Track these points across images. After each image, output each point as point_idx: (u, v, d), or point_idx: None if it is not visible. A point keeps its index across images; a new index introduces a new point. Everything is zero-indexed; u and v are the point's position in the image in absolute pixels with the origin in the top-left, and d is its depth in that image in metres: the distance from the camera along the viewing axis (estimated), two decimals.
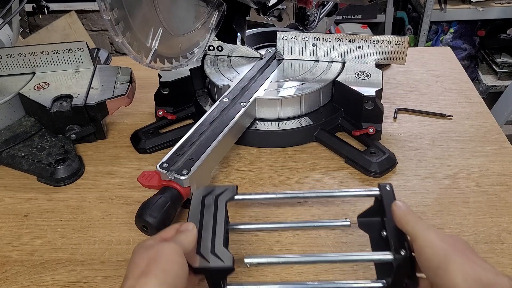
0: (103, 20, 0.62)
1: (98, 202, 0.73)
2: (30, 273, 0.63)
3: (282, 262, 0.55)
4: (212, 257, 0.50)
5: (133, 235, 0.67)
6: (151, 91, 0.90)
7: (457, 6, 2.31)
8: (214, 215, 0.55)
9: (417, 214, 0.50)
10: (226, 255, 0.50)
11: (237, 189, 0.59)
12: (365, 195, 0.58)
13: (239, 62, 0.91)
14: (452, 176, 0.74)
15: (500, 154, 0.78)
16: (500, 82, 2.39)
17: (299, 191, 0.63)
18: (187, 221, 0.55)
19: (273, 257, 0.54)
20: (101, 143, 0.86)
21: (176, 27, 0.74)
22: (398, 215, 0.51)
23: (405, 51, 0.85)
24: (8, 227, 0.70)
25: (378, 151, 0.77)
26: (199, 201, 0.57)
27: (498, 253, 0.62)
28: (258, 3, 0.77)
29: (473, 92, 0.94)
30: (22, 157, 0.79)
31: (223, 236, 0.53)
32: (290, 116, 0.82)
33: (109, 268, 0.63)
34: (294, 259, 0.55)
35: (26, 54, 0.87)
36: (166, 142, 0.83)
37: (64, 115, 0.81)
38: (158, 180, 0.67)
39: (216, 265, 0.50)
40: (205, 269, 0.50)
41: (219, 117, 0.76)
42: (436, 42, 2.49)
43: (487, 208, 0.69)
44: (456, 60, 1.06)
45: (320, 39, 0.88)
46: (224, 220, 0.55)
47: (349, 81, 0.82)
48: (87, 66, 0.90)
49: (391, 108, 0.90)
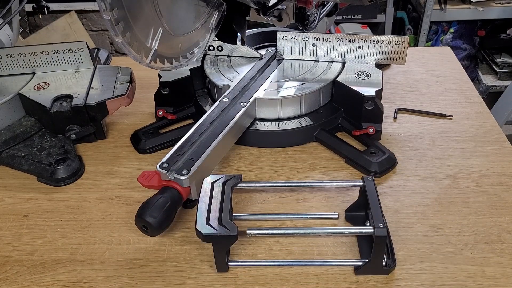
0: (103, 20, 0.62)
1: (98, 202, 0.73)
2: (30, 273, 0.63)
3: (279, 233, 0.64)
4: (219, 226, 0.58)
5: (133, 235, 0.67)
6: (151, 91, 0.90)
7: (457, 6, 2.31)
8: (221, 195, 0.63)
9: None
10: (231, 225, 0.58)
11: (242, 177, 0.67)
12: (351, 186, 0.68)
13: (239, 62, 0.91)
14: (452, 176, 0.74)
15: (500, 154, 0.78)
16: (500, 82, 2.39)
17: (293, 181, 0.74)
18: (198, 200, 0.62)
19: (272, 229, 0.65)
20: (101, 143, 0.86)
21: (176, 27, 0.74)
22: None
23: (405, 51, 0.85)
24: (8, 227, 0.70)
25: (378, 151, 0.77)
26: (209, 185, 0.64)
27: (498, 253, 0.62)
28: (258, 3, 0.77)
29: (473, 92, 0.94)
30: (22, 157, 0.79)
31: (229, 211, 0.60)
32: (290, 116, 0.82)
33: (109, 268, 0.63)
34: (290, 231, 0.65)
35: (26, 54, 0.87)
36: (166, 142, 0.83)
37: (64, 115, 0.81)
38: (158, 180, 0.67)
39: (222, 233, 0.57)
40: (213, 236, 0.57)
41: (219, 117, 0.76)
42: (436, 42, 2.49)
43: (487, 208, 0.69)
44: (456, 60, 1.06)
45: (320, 39, 0.88)
46: (229, 200, 0.62)
47: (349, 81, 0.82)
48: (87, 66, 0.90)
49: (391, 108, 0.90)
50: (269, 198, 0.72)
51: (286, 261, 0.62)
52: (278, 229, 0.65)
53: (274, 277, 0.60)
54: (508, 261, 0.61)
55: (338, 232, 0.64)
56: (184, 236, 0.67)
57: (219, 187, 0.64)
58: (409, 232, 0.65)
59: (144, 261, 0.63)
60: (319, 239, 0.65)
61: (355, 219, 0.67)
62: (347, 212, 0.68)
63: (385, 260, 0.59)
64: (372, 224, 0.57)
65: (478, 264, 0.61)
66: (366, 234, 0.59)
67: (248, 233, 0.60)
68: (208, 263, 0.62)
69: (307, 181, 0.71)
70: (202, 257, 0.63)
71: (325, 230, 0.64)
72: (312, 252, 0.64)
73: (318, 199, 0.71)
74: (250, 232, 0.60)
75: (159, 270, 0.62)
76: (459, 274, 0.59)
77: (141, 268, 0.62)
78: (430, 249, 0.63)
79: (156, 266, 0.63)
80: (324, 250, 0.64)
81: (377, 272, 0.59)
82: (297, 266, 0.61)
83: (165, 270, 0.62)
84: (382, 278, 0.59)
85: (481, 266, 0.60)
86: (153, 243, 0.66)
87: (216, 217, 0.59)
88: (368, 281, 0.59)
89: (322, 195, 0.72)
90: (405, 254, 0.62)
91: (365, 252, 0.62)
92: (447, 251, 0.62)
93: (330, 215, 0.68)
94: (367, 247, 0.62)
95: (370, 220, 0.60)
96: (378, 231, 0.56)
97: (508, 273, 0.59)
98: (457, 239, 0.64)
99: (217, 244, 0.58)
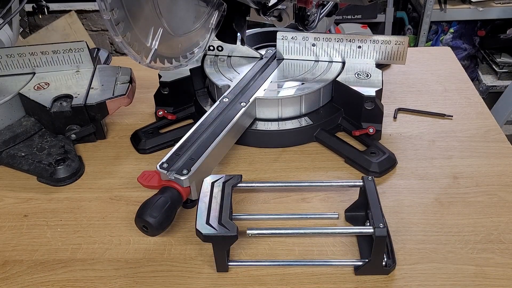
0: (103, 20, 0.62)
1: (98, 202, 0.73)
2: (30, 273, 0.63)
3: (279, 233, 0.64)
4: (219, 226, 0.58)
5: (133, 235, 0.67)
6: (151, 91, 0.90)
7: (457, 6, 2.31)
8: (221, 195, 0.63)
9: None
10: (231, 225, 0.58)
11: (242, 177, 0.67)
12: (351, 186, 0.67)
13: (239, 62, 0.91)
14: (452, 176, 0.74)
15: (500, 154, 0.78)
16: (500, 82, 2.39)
17: (293, 181, 0.74)
18: (198, 200, 0.62)
19: (272, 229, 0.65)
20: (101, 143, 0.86)
21: (176, 27, 0.74)
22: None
23: (405, 51, 0.85)
24: (8, 227, 0.70)
25: (378, 151, 0.77)
26: (209, 185, 0.64)
27: (498, 253, 0.62)
28: (258, 3, 0.77)
29: (473, 92, 0.94)
30: (22, 157, 0.79)
31: (229, 211, 0.60)
32: (290, 116, 0.82)
33: (109, 268, 0.63)
34: (290, 231, 0.65)
35: (26, 54, 0.87)
36: (166, 142, 0.83)
37: (64, 115, 0.81)
38: (158, 180, 0.67)
39: (222, 233, 0.57)
40: (213, 236, 0.57)
41: (219, 117, 0.76)
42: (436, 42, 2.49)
43: (487, 208, 0.69)
44: (456, 60, 1.06)
45: (320, 39, 0.88)
46: (229, 200, 0.62)
47: (349, 81, 0.82)
48: (87, 66, 0.90)
49: (391, 108, 0.90)
50: (269, 198, 0.72)
51: (286, 261, 0.62)
52: (278, 229, 0.65)
53: (274, 277, 0.60)
54: (508, 261, 0.61)
55: (338, 232, 0.64)
56: (184, 236, 0.67)
57: (219, 187, 0.64)
58: (409, 232, 0.65)
59: (144, 261, 0.63)
60: (319, 239, 0.65)
61: (355, 219, 0.67)
62: (347, 212, 0.68)
63: (385, 260, 0.59)
64: (372, 224, 0.57)
65: (478, 264, 0.61)
66: (366, 234, 0.59)
67: (248, 233, 0.60)
68: (208, 263, 0.62)
69: (307, 181, 0.71)
70: (202, 257, 0.63)
71: (325, 230, 0.64)
72: (312, 252, 0.64)
73: (318, 199, 0.71)
74: (250, 232, 0.60)
75: (159, 270, 0.62)
76: (459, 274, 0.59)
77: (141, 268, 0.62)
78: (430, 249, 0.63)
79: (156, 266, 0.63)
80: (324, 250, 0.64)
81: (377, 272, 0.60)
82: (297, 266, 0.61)
83: (165, 270, 0.62)
84: (382, 278, 0.59)
85: (481, 266, 0.60)
86: (153, 243, 0.66)
87: (216, 217, 0.59)
88: (368, 281, 0.59)
89: (322, 195, 0.72)
90: (405, 254, 0.62)
91: (365, 252, 0.62)
92: (447, 251, 0.62)
93: (330, 215, 0.68)
94: (367, 247, 0.62)
95: (370, 220, 0.60)
96: (378, 231, 0.56)
97: (508, 273, 0.59)
98: (457, 239, 0.64)
99: (217, 244, 0.58)
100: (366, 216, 0.64)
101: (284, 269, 0.61)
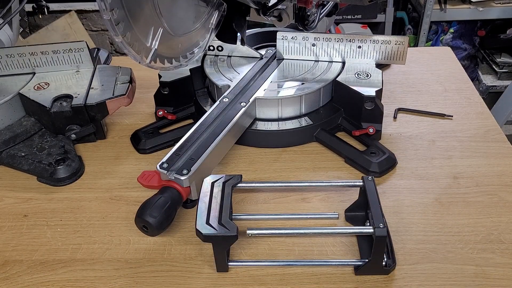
0: (103, 20, 0.62)
1: (98, 202, 0.73)
2: (30, 273, 0.63)
3: (279, 233, 0.64)
4: (219, 226, 0.58)
5: (133, 235, 0.67)
6: (151, 91, 0.90)
7: (457, 6, 2.31)
8: (221, 195, 0.63)
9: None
10: (231, 225, 0.58)
11: (242, 177, 0.67)
12: (351, 186, 0.67)
13: (239, 62, 0.91)
14: (452, 176, 0.74)
15: (500, 154, 0.78)
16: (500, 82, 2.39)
17: (293, 181, 0.74)
18: (198, 200, 0.62)
19: (272, 229, 0.65)
20: (101, 143, 0.86)
21: (176, 27, 0.74)
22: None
23: (405, 51, 0.85)
24: (8, 227, 0.70)
25: (378, 151, 0.77)
26: (209, 185, 0.64)
27: (498, 253, 0.62)
28: (258, 3, 0.77)
29: (473, 92, 0.94)
30: (22, 157, 0.79)
31: (229, 211, 0.60)
32: (290, 116, 0.82)
33: (109, 268, 0.63)
34: (290, 231, 0.65)
35: (26, 54, 0.87)
36: (166, 142, 0.83)
37: (64, 115, 0.81)
38: (158, 180, 0.67)
39: (222, 233, 0.57)
40: (213, 236, 0.57)
41: (219, 117, 0.76)
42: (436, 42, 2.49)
43: (487, 208, 0.69)
44: (456, 60, 1.06)
45: (320, 39, 0.88)
46: (229, 200, 0.62)
47: (349, 81, 0.82)
48: (87, 66, 0.90)
49: (391, 108, 0.90)
50: (269, 198, 0.72)
51: (286, 261, 0.62)
52: (278, 229, 0.65)
53: (274, 277, 0.60)
54: (508, 261, 0.61)
55: (338, 232, 0.64)
56: (184, 236, 0.67)
57: (219, 187, 0.64)
58: (409, 232, 0.65)
59: (144, 261, 0.63)
60: (319, 239, 0.65)
61: (355, 219, 0.67)
62: (347, 212, 0.68)
63: (385, 260, 0.60)
64: (372, 224, 0.57)
65: (478, 264, 0.61)
66: (366, 234, 0.59)
67: (248, 233, 0.60)
68: (208, 263, 0.62)
69: (307, 181, 0.71)
70: (202, 257, 0.63)
71: (325, 230, 0.64)
72: (312, 252, 0.64)
73: (318, 199, 0.71)
74: (250, 232, 0.60)
75: (159, 270, 0.62)
76: (459, 274, 0.59)
77: (141, 268, 0.62)
78: (430, 249, 0.63)
79: (156, 266, 0.63)
80: (324, 250, 0.64)
81: (377, 272, 0.60)
82: (297, 266, 0.61)
83: (165, 270, 0.62)
84: (382, 278, 0.60)
85: (481, 266, 0.60)
86: (153, 243, 0.66)
87: (216, 217, 0.59)
88: (368, 281, 0.59)
89: (322, 195, 0.72)
90: (405, 254, 0.62)
91: (365, 252, 0.62)
92: (447, 251, 0.62)
93: (330, 215, 0.68)
94: (367, 247, 0.62)
95: (370, 220, 0.60)
96: (378, 231, 0.56)
97: (508, 273, 0.59)
98: (457, 239, 0.64)
99: (217, 244, 0.58)
100: (366, 216, 0.64)
101: (284, 269, 0.61)
